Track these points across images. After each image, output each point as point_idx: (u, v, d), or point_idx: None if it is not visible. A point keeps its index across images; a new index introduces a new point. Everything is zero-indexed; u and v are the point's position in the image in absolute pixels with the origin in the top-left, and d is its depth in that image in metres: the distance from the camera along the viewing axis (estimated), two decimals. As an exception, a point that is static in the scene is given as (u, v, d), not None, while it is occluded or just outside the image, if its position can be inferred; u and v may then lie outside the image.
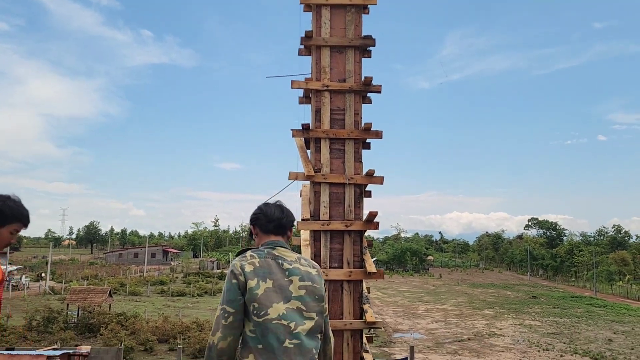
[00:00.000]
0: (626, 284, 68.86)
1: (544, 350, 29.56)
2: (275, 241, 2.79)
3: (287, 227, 2.89)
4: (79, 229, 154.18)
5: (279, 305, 2.57)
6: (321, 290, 2.70)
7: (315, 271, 2.76)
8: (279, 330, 2.53)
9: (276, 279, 2.62)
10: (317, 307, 2.65)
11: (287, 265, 2.68)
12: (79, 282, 54.01)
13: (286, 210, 2.94)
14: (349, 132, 5.11)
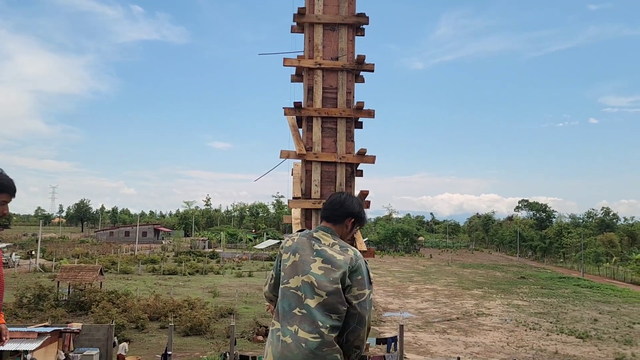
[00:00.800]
0: (613, 266, 69.87)
1: (530, 330, 30.05)
2: (322, 226, 3.10)
3: (339, 217, 3.09)
4: (69, 207, 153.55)
5: (298, 277, 2.90)
6: (338, 273, 2.86)
7: (342, 257, 2.91)
8: (292, 298, 2.88)
9: (303, 254, 2.95)
10: (330, 288, 2.83)
11: (317, 247, 2.96)
12: (70, 260, 53.93)
13: (344, 202, 3.13)
14: (341, 110, 5.07)
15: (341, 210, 3.09)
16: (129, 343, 21.43)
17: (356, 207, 3.16)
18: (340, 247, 2.97)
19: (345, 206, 3.11)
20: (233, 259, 67.91)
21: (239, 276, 50.77)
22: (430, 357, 23.66)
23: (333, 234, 3.05)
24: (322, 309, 2.83)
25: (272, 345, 2.91)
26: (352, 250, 2.99)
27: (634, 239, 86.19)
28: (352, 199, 3.19)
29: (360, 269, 2.94)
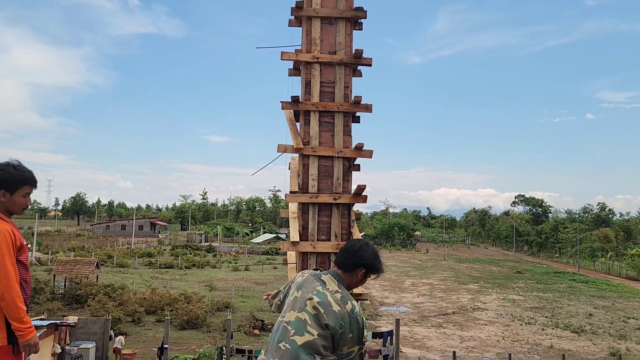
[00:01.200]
0: (608, 261, 70.22)
1: (526, 324, 30.19)
2: (333, 271, 3.09)
3: (350, 266, 3.06)
4: (65, 201, 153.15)
5: (293, 313, 2.94)
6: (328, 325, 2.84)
7: (338, 310, 2.87)
8: (283, 332, 2.91)
9: (305, 291, 2.99)
10: (320, 331, 2.84)
11: (320, 289, 2.97)
12: (66, 253, 53.87)
13: (358, 251, 3.08)
14: (338, 105, 5.06)
15: (354, 260, 3.05)
16: (126, 336, 21.45)
17: (370, 257, 3.09)
18: (341, 297, 2.94)
19: (358, 255, 3.06)
20: (230, 253, 67.97)
21: (235, 270, 50.83)
22: (426, 351, 23.77)
23: (340, 282, 3.03)
24: (307, 347, 2.82)
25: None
26: (351, 304, 2.94)
27: (629, 234, 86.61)
28: (368, 248, 3.11)
29: (354, 326, 2.90)
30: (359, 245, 3.10)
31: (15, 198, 3.16)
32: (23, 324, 3.10)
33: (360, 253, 3.06)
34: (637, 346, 25.86)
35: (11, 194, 3.14)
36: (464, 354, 22.82)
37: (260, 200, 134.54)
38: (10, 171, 3.14)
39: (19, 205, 3.20)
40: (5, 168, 3.14)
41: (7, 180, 3.12)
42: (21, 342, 3.11)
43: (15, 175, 3.14)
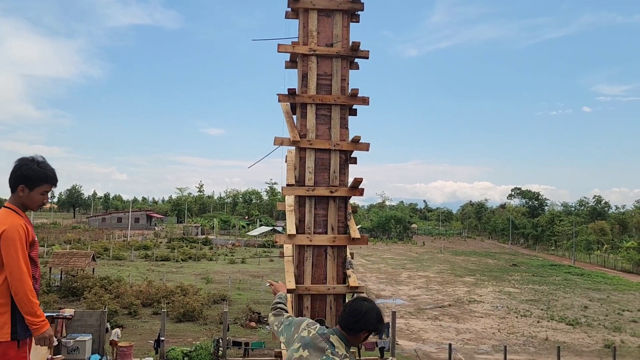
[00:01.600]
0: (604, 253, 70.58)
1: (521, 317, 30.34)
2: (339, 332, 3.09)
3: (355, 330, 3.08)
4: (60, 193, 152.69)
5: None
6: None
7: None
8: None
9: (312, 354, 3.02)
10: None
11: (330, 353, 3.00)
12: (62, 246, 53.79)
13: (364, 317, 3.08)
14: (335, 97, 5.03)
15: (359, 325, 3.08)
16: (122, 329, 21.45)
17: (374, 323, 3.11)
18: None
19: (363, 321, 3.08)
20: (226, 246, 68.00)
21: (232, 263, 50.87)
22: (422, 343, 23.87)
23: (346, 344, 3.09)
24: None
25: None
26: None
27: (624, 227, 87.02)
28: (372, 313, 3.12)
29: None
30: (365, 311, 3.09)
31: (34, 195, 3.18)
32: (37, 318, 3.17)
33: (365, 319, 3.07)
34: (632, 338, 26.04)
35: (30, 190, 3.15)
36: (459, 346, 22.92)
37: (256, 193, 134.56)
38: (33, 167, 3.15)
39: (36, 202, 3.21)
40: (29, 164, 3.16)
41: (29, 175, 3.13)
42: (36, 336, 3.19)
43: (37, 172, 3.15)
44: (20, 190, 3.15)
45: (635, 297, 39.29)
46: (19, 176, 3.14)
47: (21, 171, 3.14)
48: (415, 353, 21.07)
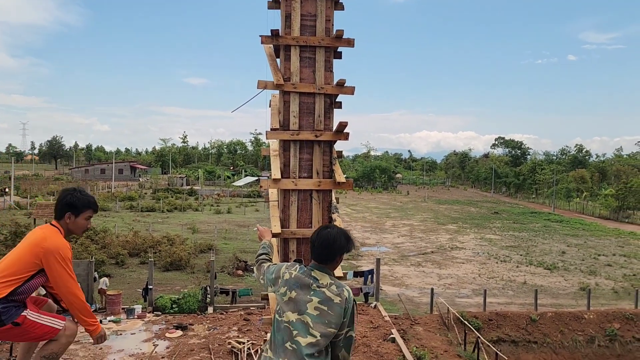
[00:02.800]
0: (583, 201, 72.16)
1: (501, 262, 31.22)
2: (316, 265, 3.18)
3: (330, 258, 3.19)
4: (41, 144, 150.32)
5: (292, 314, 3.07)
6: (335, 317, 3.04)
7: (339, 299, 3.07)
8: (285, 332, 3.07)
9: (300, 292, 3.10)
10: (323, 330, 3.02)
11: (315, 287, 3.10)
12: (45, 197, 53.37)
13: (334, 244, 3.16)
14: (320, 39, 4.89)
15: (333, 252, 3.18)
16: (110, 278, 21.65)
17: (344, 244, 3.22)
18: (337, 287, 3.13)
19: (335, 247, 3.18)
20: (211, 196, 68.07)
21: (217, 213, 51.09)
22: (405, 288, 24.52)
23: (329, 273, 3.19)
24: (311, 347, 3.01)
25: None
26: (347, 290, 3.14)
27: (604, 175, 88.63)
28: (340, 236, 3.21)
29: (349, 312, 3.13)
30: (333, 237, 3.18)
31: (79, 220, 3.54)
32: (92, 318, 3.56)
33: (336, 245, 3.17)
34: (606, 281, 27.02)
35: (76, 217, 3.52)
36: (441, 291, 23.62)
37: (241, 144, 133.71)
38: (77, 196, 3.55)
39: (81, 227, 3.57)
40: (73, 193, 3.55)
41: (74, 204, 3.51)
42: (94, 336, 3.59)
43: (81, 200, 3.53)
44: (67, 217, 3.51)
45: (611, 242, 40.52)
46: (65, 204, 3.51)
47: (67, 200, 3.52)
48: (398, 298, 21.67)
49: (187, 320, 17.49)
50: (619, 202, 59.67)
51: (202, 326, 16.94)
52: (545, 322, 20.13)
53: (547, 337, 19.72)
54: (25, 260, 3.39)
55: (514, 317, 20.19)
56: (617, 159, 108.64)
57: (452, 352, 16.56)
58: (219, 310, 18.98)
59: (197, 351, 14.61)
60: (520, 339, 19.62)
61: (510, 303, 22.48)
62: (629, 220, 57.69)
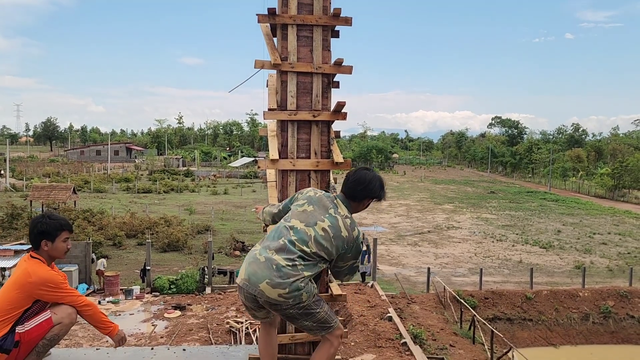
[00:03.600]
0: (579, 180, 72.40)
1: (497, 241, 31.42)
2: (343, 198, 3.24)
3: (360, 197, 3.22)
4: (35, 126, 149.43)
5: (300, 223, 3.09)
6: (333, 248, 3.05)
7: (346, 234, 3.08)
8: (284, 230, 3.09)
9: (317, 210, 3.13)
10: (317, 250, 3.02)
11: (333, 212, 3.12)
12: (41, 179, 53.23)
13: (369, 185, 3.20)
14: (317, 18, 4.82)
15: (364, 192, 3.21)
16: (108, 259, 21.71)
17: (378, 190, 3.25)
18: (350, 223, 3.14)
19: (369, 189, 3.21)
20: (208, 177, 68.00)
21: (214, 194, 51.10)
22: (402, 268, 24.69)
23: (349, 209, 3.21)
24: (303, 253, 3.01)
25: (247, 262, 3.11)
26: (358, 231, 3.16)
27: (600, 154, 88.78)
28: (376, 180, 3.24)
29: (355, 250, 3.16)
30: (369, 179, 3.21)
31: (57, 245, 3.50)
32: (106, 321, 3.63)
33: (370, 186, 3.21)
34: (600, 259, 27.26)
35: (52, 242, 3.48)
36: (437, 270, 23.79)
37: (237, 124, 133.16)
38: (48, 222, 3.48)
39: (61, 251, 3.54)
40: (42, 220, 3.49)
41: (47, 230, 3.46)
42: (114, 338, 3.66)
43: (52, 225, 3.48)
44: (44, 245, 3.48)
45: (606, 220, 40.79)
46: (38, 234, 3.47)
47: (38, 228, 3.46)
48: (395, 277, 21.83)
49: (186, 300, 17.60)
50: (614, 181, 59.90)
51: (201, 306, 17.06)
52: (540, 300, 20.34)
53: (542, 315, 19.96)
54: (17, 298, 3.37)
55: (509, 295, 20.39)
56: (614, 138, 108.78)
57: (449, 330, 16.75)
58: (217, 291, 19.10)
59: (196, 331, 14.73)
60: (516, 316, 19.85)
61: (506, 281, 22.69)
62: (625, 199, 57.99)
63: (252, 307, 3.15)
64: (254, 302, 3.08)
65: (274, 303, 2.96)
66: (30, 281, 3.37)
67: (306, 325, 3.10)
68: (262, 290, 2.95)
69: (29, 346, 3.40)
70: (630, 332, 20.04)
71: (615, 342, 19.79)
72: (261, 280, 2.95)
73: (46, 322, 3.44)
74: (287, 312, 3.02)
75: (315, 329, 3.12)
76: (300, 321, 3.08)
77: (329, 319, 3.13)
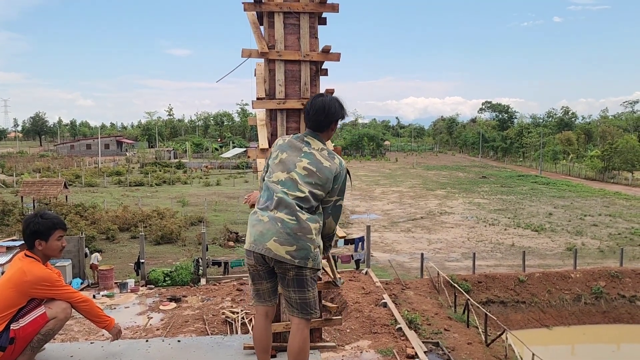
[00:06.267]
0: (569, 163, 72.85)
1: (490, 225, 31.62)
2: (312, 132, 3.28)
3: (325, 125, 3.28)
4: (24, 121, 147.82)
5: (282, 174, 3.14)
6: (322, 180, 3.11)
7: (329, 164, 3.13)
8: (273, 188, 3.12)
9: (291, 154, 3.17)
10: (310, 188, 3.08)
11: (307, 149, 3.18)
12: (31, 174, 52.83)
13: (329, 111, 3.25)
14: (304, 5, 4.79)
15: (328, 119, 3.27)
16: (101, 253, 21.66)
17: (339, 110, 3.31)
18: (328, 153, 3.20)
19: (330, 113, 3.26)
20: (200, 169, 67.77)
21: (206, 185, 50.98)
22: (396, 254, 24.82)
23: (321, 140, 3.27)
24: (299, 200, 3.06)
25: (251, 225, 3.17)
26: (338, 158, 3.24)
27: (589, 136, 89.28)
28: (334, 102, 3.28)
29: (340, 179, 3.21)
30: (327, 103, 3.25)
31: (51, 244, 3.49)
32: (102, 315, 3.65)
33: (331, 110, 3.26)
34: (592, 241, 27.53)
35: (46, 242, 3.47)
36: (431, 255, 23.94)
37: (228, 115, 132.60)
38: (40, 221, 3.45)
39: (55, 249, 3.53)
40: (34, 220, 3.47)
41: (39, 230, 3.44)
42: (110, 331, 3.69)
43: (45, 224, 3.46)
44: (38, 244, 3.47)
45: (597, 202, 41.14)
46: (31, 234, 3.46)
47: (31, 228, 3.45)
48: (389, 264, 21.95)
49: (181, 292, 17.62)
50: (604, 163, 60.32)
51: (196, 298, 17.09)
52: (533, 282, 20.55)
53: (535, 297, 20.17)
54: (11, 296, 3.35)
55: (502, 278, 20.57)
56: (603, 120, 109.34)
57: (443, 315, 16.89)
58: (212, 282, 19.14)
59: (192, 322, 14.78)
60: (509, 299, 20.05)
61: (498, 265, 22.88)
62: (614, 181, 58.46)
63: (262, 272, 3.20)
64: (264, 265, 3.15)
65: (280, 261, 3.04)
66: (26, 280, 3.36)
67: (291, 298, 3.18)
68: (269, 248, 3.03)
69: (24, 342, 3.39)
70: (621, 312, 20.31)
71: (607, 321, 20.05)
72: (268, 238, 3.03)
73: (41, 317, 3.43)
74: (287, 274, 3.11)
75: (295, 306, 3.19)
76: (290, 289, 3.16)
77: (313, 306, 3.19)
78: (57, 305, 3.49)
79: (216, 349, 3.99)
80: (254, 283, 3.32)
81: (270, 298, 3.36)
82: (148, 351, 3.95)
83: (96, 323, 3.66)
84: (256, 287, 3.31)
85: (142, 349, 3.99)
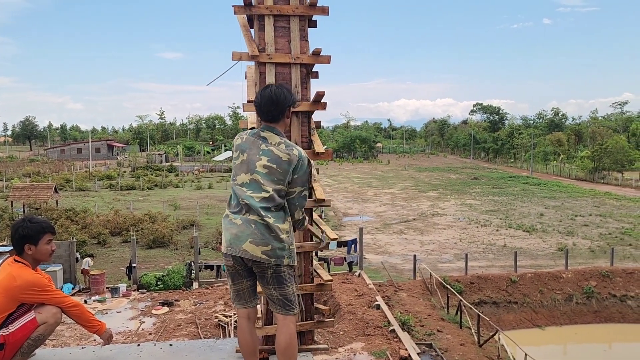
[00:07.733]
0: (560, 163, 73.32)
1: (482, 226, 31.75)
2: (266, 126, 3.24)
3: (278, 115, 3.23)
4: (14, 125, 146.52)
5: (245, 176, 3.16)
6: (282, 174, 3.13)
7: (287, 157, 3.13)
8: (239, 192, 3.15)
9: (251, 153, 3.17)
10: (274, 186, 3.11)
11: (264, 147, 3.16)
12: (21, 179, 52.42)
13: (278, 100, 3.21)
14: (294, 8, 4.80)
15: (280, 108, 3.23)
16: (93, 258, 21.51)
17: (288, 96, 3.28)
18: (286, 146, 3.19)
19: (280, 102, 3.22)
20: (192, 172, 67.56)
21: (198, 188, 50.83)
22: (389, 256, 24.85)
23: (278, 133, 3.25)
24: (265, 202, 3.10)
25: (225, 229, 3.25)
26: (297, 149, 3.21)
27: (580, 137, 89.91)
28: (281, 90, 3.26)
29: (300, 169, 3.20)
30: (275, 93, 3.23)
31: (41, 248, 3.47)
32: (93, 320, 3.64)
33: (281, 99, 3.23)
34: (583, 241, 27.71)
35: (36, 246, 3.45)
36: (424, 257, 24.00)
37: (219, 118, 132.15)
38: (29, 226, 3.44)
39: (45, 254, 3.52)
40: (23, 224, 3.46)
41: (28, 234, 3.43)
42: (101, 335, 3.68)
43: (34, 228, 3.45)
44: (28, 249, 3.45)
45: (587, 202, 41.43)
46: (20, 238, 3.44)
47: (19, 233, 3.44)
48: (382, 265, 21.97)
49: (173, 296, 17.53)
50: (594, 164, 60.76)
51: (188, 301, 17.02)
52: (525, 282, 20.64)
53: (527, 297, 20.26)
54: (1, 302, 3.32)
55: (494, 279, 20.65)
56: (593, 121, 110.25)
57: (436, 316, 16.93)
58: (204, 285, 19.06)
59: (184, 326, 14.71)
60: (501, 300, 20.12)
61: (491, 266, 22.97)
62: (605, 181, 58.90)
63: (241, 271, 3.26)
64: (242, 265, 3.22)
65: (257, 261, 3.11)
66: (16, 285, 3.33)
67: (272, 295, 3.23)
68: (246, 249, 3.10)
69: (14, 347, 3.36)
70: (612, 311, 20.44)
71: (599, 321, 20.18)
72: (244, 240, 3.09)
73: (31, 322, 3.40)
74: (266, 273, 3.17)
75: (277, 302, 3.23)
76: (270, 287, 3.21)
77: (293, 300, 3.24)
78: (47, 310, 3.46)
79: (208, 352, 3.98)
80: (234, 283, 3.36)
81: (251, 298, 3.40)
82: (140, 355, 3.93)
83: (87, 328, 3.65)
84: (236, 287, 3.35)
85: (133, 353, 3.97)
